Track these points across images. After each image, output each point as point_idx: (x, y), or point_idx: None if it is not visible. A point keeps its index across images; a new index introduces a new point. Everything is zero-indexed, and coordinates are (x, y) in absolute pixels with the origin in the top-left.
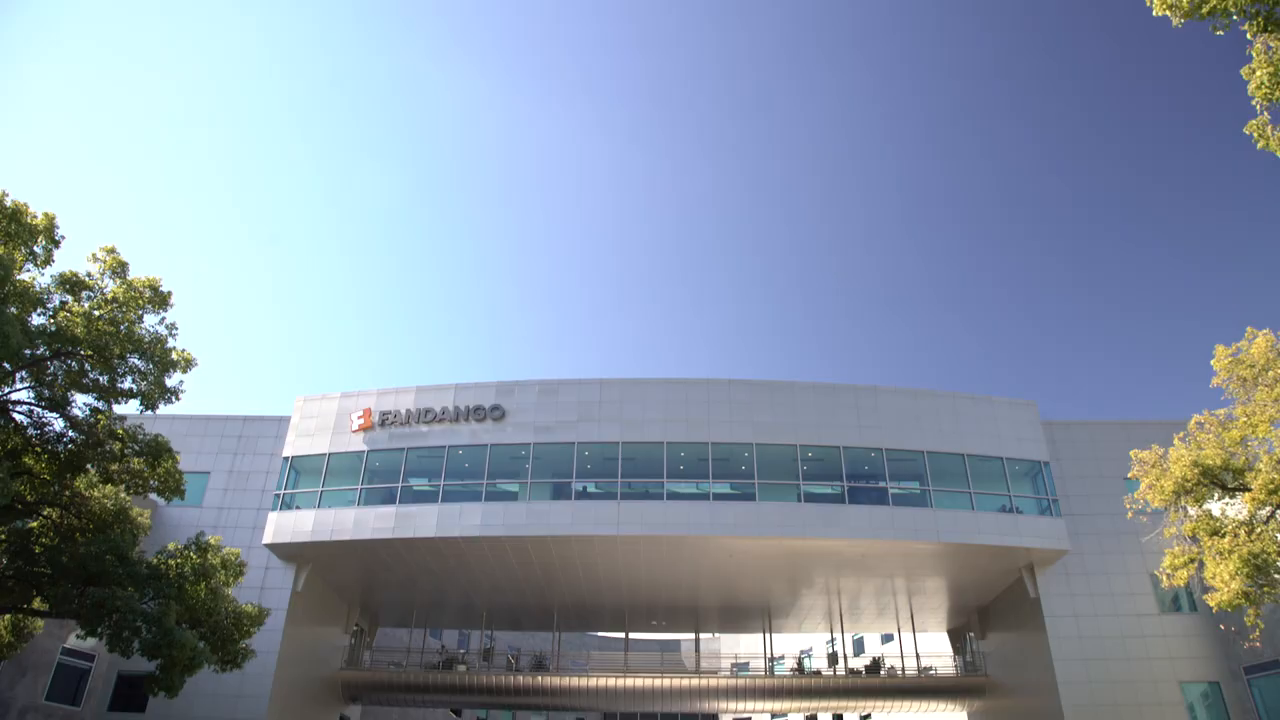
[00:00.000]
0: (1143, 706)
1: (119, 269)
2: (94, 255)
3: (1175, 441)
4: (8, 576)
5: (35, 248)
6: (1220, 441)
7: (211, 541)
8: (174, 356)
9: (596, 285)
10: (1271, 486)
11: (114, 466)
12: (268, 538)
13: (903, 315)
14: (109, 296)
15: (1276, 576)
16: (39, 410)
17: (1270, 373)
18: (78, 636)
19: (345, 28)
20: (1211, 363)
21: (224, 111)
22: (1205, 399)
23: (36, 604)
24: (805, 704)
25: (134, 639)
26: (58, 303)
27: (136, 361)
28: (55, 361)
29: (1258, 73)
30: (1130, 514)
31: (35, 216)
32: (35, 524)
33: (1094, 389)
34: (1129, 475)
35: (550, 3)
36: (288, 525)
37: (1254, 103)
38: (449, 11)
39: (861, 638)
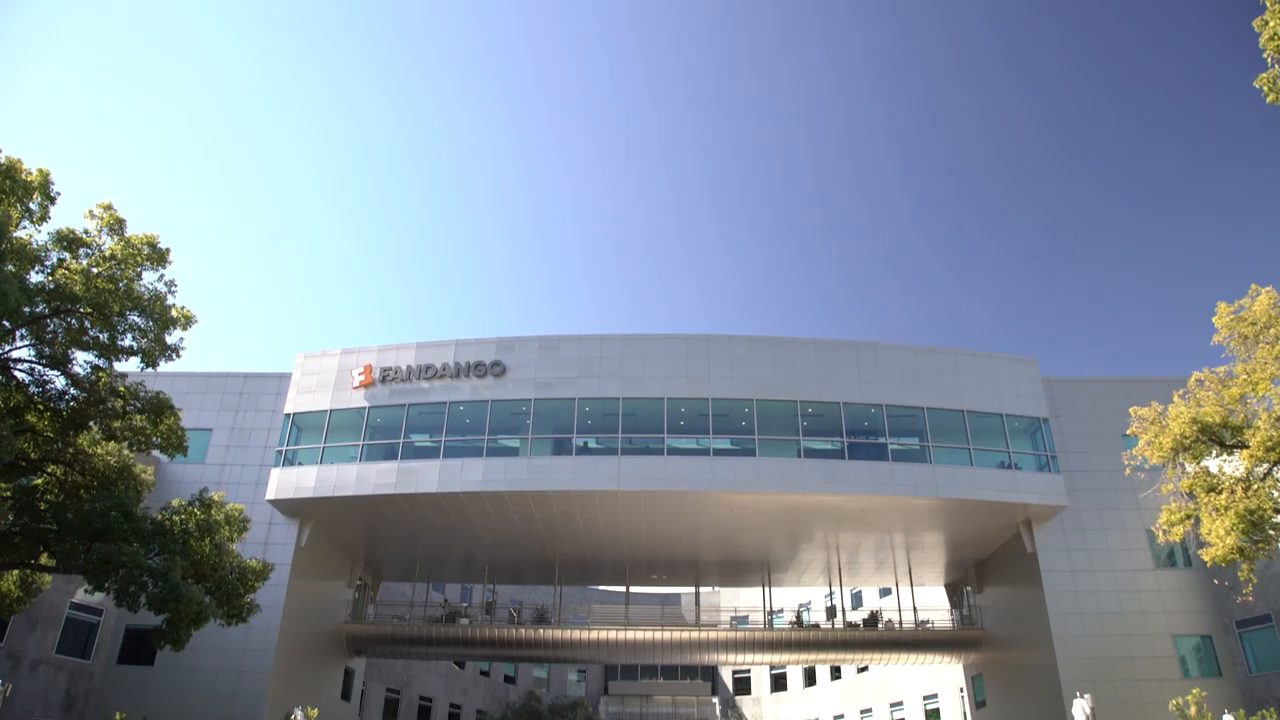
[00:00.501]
0: (1136, 659)
1: (116, 226)
2: (91, 212)
3: (1175, 399)
4: (14, 533)
5: (31, 204)
6: (1220, 399)
7: (215, 498)
8: (174, 314)
9: (596, 242)
10: (1269, 444)
11: (116, 424)
12: (270, 494)
13: (904, 273)
14: (107, 254)
15: (1271, 532)
16: (40, 368)
17: (1272, 330)
18: (85, 591)
19: None
20: (1213, 320)
21: (219, 78)
22: (1206, 357)
23: (44, 559)
24: (803, 656)
25: (140, 594)
26: (55, 260)
27: (136, 319)
28: (55, 319)
29: (1270, 24)
30: (1128, 471)
31: (29, 173)
32: (40, 481)
33: (1095, 346)
34: (1128, 432)
35: None
36: (290, 481)
37: (1265, 55)
38: None
39: (860, 592)
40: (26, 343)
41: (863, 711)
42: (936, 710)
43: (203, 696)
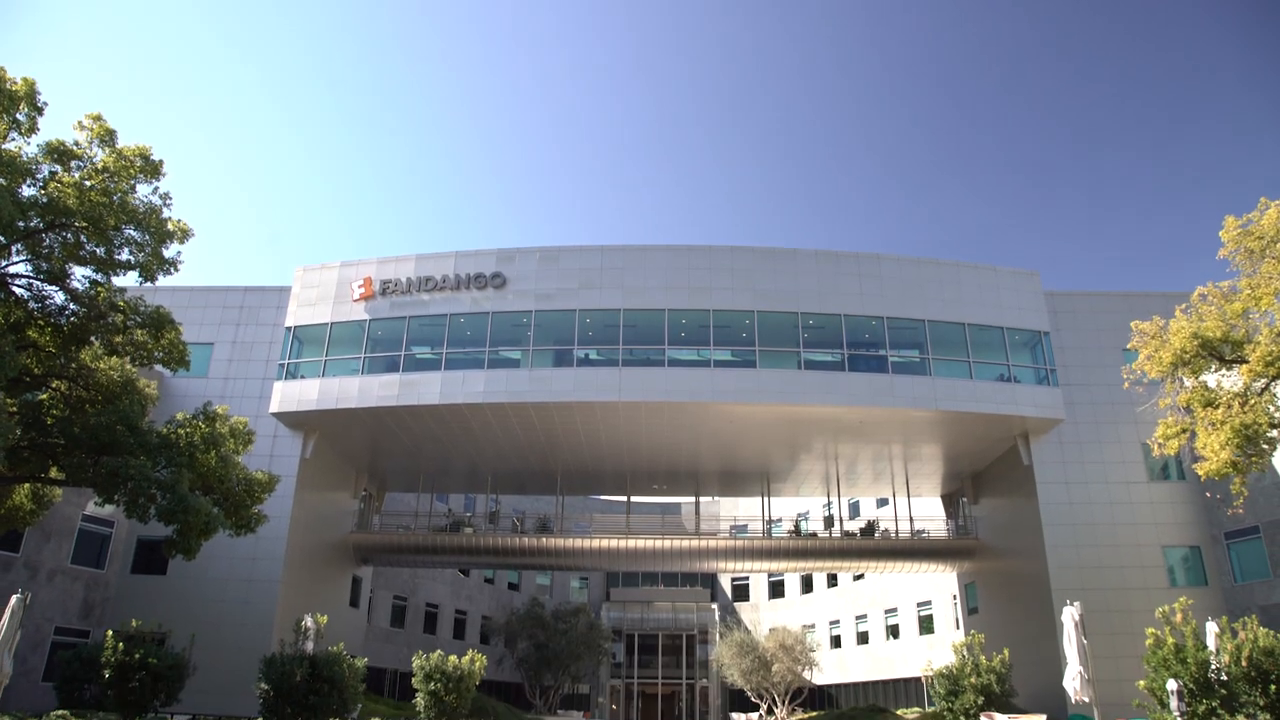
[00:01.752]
0: (1125, 569)
1: (107, 137)
2: (80, 123)
3: (1177, 313)
4: (22, 447)
5: (18, 115)
6: (1222, 314)
7: (219, 411)
8: (170, 227)
9: (596, 153)
10: (1269, 359)
11: (117, 339)
12: (274, 407)
13: (907, 184)
14: (99, 166)
15: (1265, 447)
16: (38, 284)
17: (1279, 245)
18: (96, 504)
19: None
20: (1220, 234)
21: None
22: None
23: (53, 473)
24: (801, 564)
25: (149, 505)
26: (47, 173)
27: (132, 233)
28: (50, 234)
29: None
30: (1127, 385)
31: (14, 82)
32: (44, 396)
33: (1099, 261)
34: (1128, 346)
35: None
36: (293, 394)
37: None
38: None
39: (857, 501)
40: (23, 258)
41: (858, 617)
42: (930, 617)
43: (215, 604)
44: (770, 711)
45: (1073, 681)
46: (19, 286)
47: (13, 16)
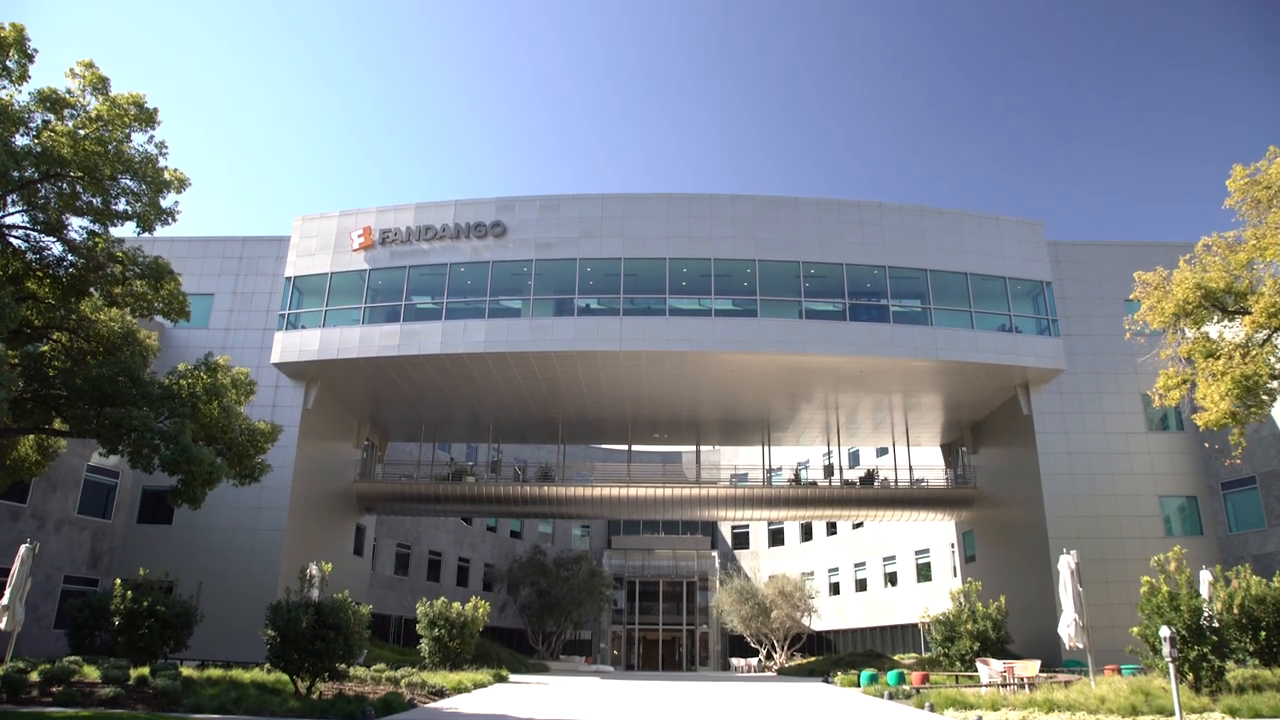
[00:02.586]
0: (1122, 518)
1: (100, 85)
2: (72, 71)
3: (1180, 264)
4: (26, 399)
5: (8, 62)
6: (1226, 264)
7: (220, 361)
8: (166, 176)
9: (596, 101)
10: (1272, 310)
11: (117, 290)
12: (275, 357)
13: (909, 134)
14: (93, 115)
15: (1264, 398)
16: (35, 235)
17: None
18: (100, 455)
19: None
20: (1227, 183)
21: None
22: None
23: (57, 425)
24: (801, 513)
25: (153, 456)
26: (40, 122)
27: (128, 182)
28: (45, 184)
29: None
30: (1128, 335)
31: (3, 28)
32: (46, 348)
33: (1103, 211)
34: (1130, 297)
35: None
36: (294, 344)
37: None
38: None
39: (857, 451)
40: (19, 209)
41: (856, 565)
42: (927, 565)
43: (221, 553)
44: (769, 656)
45: (1067, 628)
46: (16, 238)
47: None
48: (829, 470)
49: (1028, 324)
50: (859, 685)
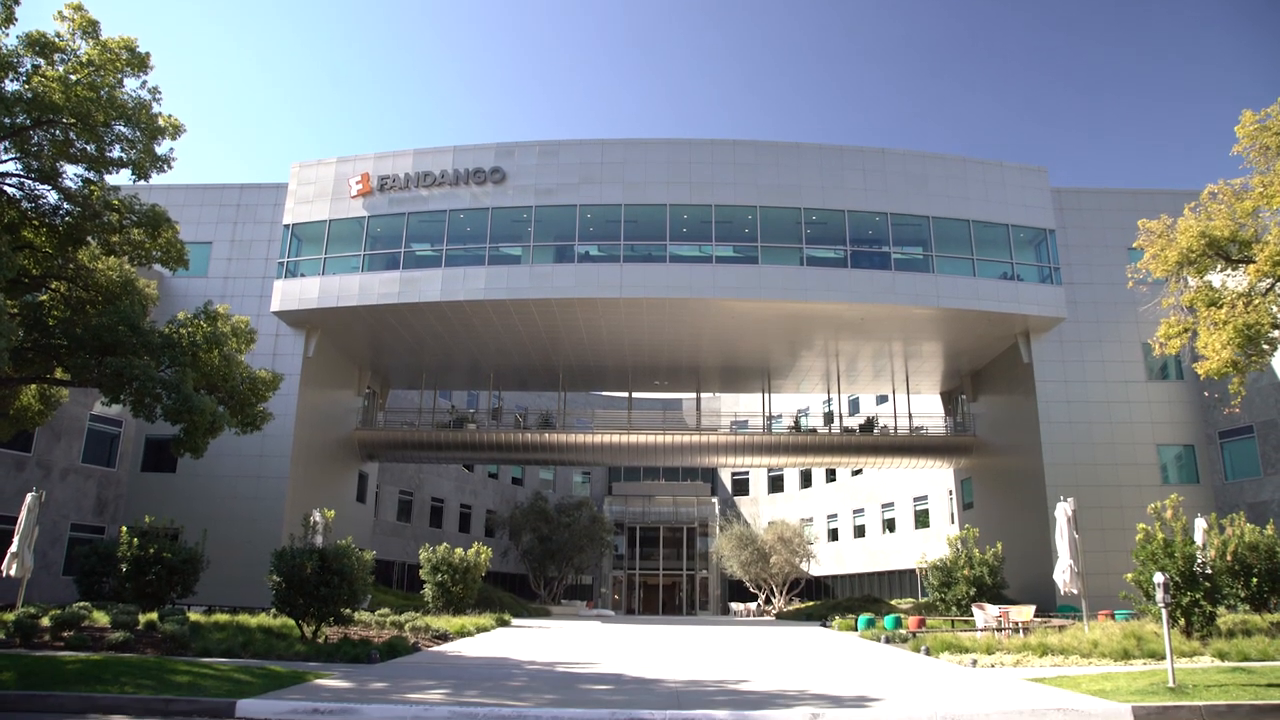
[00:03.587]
0: (1119, 466)
1: (89, 28)
2: (60, 14)
3: (1185, 212)
4: (26, 348)
5: None
6: (1231, 212)
7: (220, 310)
8: (160, 123)
9: (596, 44)
10: (1276, 258)
11: (114, 238)
12: (275, 305)
13: (914, 80)
14: (84, 60)
15: (1265, 347)
16: (30, 183)
17: None
18: (103, 404)
19: None
20: (1235, 129)
21: None
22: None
23: (59, 374)
24: (800, 459)
25: (155, 405)
26: (30, 67)
27: (123, 129)
28: (38, 131)
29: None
30: (1130, 284)
31: None
32: (44, 297)
33: (1109, 159)
34: (1134, 245)
35: None
36: (294, 292)
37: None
38: None
39: (857, 398)
40: (12, 156)
41: (855, 511)
42: (925, 512)
43: (226, 501)
44: (768, 601)
45: (1063, 574)
46: (10, 186)
47: None
48: (829, 417)
49: (1030, 272)
50: (856, 629)
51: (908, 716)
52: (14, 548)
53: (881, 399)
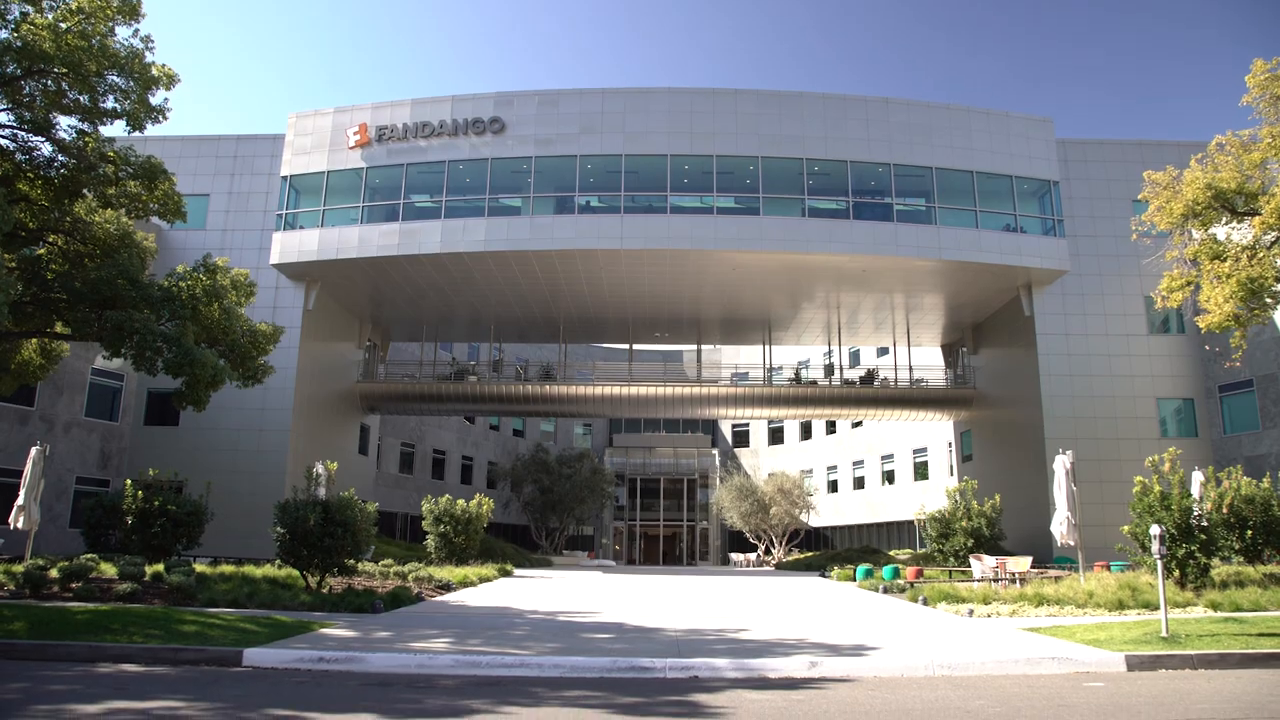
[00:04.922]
0: (1118, 419)
1: None
2: None
3: (1191, 163)
4: (26, 303)
5: None
6: (1238, 164)
7: (219, 263)
8: (154, 72)
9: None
10: None
11: (110, 190)
12: (274, 258)
13: (919, 31)
14: (73, 7)
15: (1269, 300)
16: (23, 134)
17: None
18: (104, 358)
19: None
20: (1246, 79)
21: None
22: (1231, 121)
23: (59, 328)
24: (801, 411)
25: (156, 359)
26: (18, 14)
27: (116, 79)
28: (29, 81)
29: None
30: (1135, 236)
31: None
32: (42, 251)
33: (1115, 112)
34: (1139, 197)
35: None
36: (293, 245)
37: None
38: None
39: (858, 350)
40: (3, 106)
41: (854, 463)
42: (925, 464)
43: (228, 453)
44: (768, 552)
45: (1060, 526)
46: (3, 137)
47: None
48: (829, 369)
49: (1033, 224)
50: (854, 579)
51: (904, 665)
52: (20, 500)
53: (882, 351)
